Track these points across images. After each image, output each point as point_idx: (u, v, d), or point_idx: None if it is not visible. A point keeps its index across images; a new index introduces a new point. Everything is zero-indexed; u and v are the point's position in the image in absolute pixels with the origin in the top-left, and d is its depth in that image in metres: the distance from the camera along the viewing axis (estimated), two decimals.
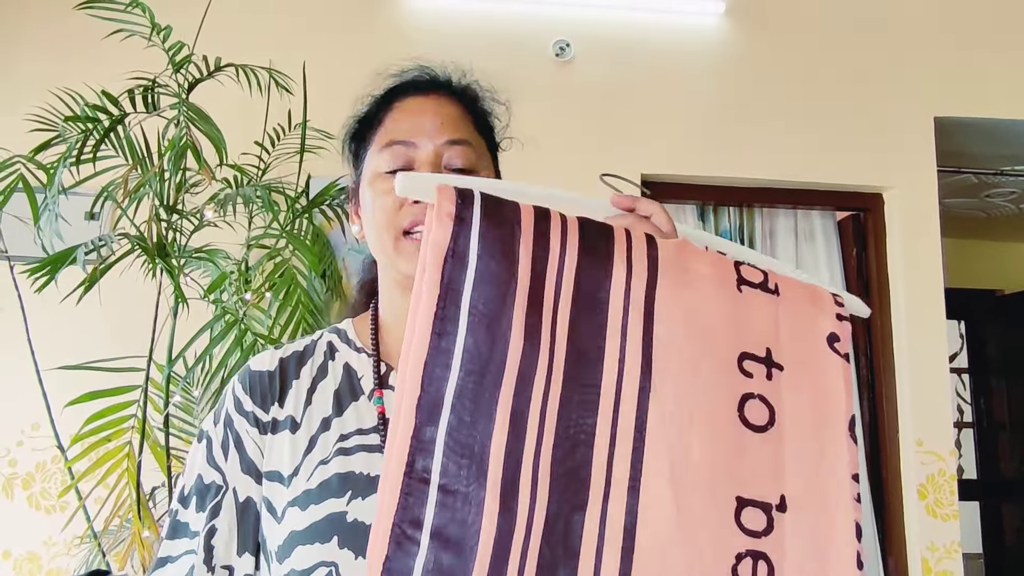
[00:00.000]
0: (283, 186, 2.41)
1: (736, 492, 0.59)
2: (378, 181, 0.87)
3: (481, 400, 0.57)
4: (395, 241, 0.85)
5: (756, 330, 0.64)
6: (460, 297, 0.59)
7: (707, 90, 2.92)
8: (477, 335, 0.58)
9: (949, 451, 2.81)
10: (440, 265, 0.60)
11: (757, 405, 0.62)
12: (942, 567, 2.73)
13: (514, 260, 0.60)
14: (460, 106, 0.92)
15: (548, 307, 0.60)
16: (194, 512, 0.85)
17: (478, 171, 0.88)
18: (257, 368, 0.89)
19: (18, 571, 2.50)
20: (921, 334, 2.86)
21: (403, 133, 0.88)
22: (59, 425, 2.22)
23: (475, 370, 0.58)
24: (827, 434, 0.63)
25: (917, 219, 2.93)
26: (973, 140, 3.21)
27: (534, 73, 2.84)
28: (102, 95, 2.06)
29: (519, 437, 0.57)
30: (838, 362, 0.65)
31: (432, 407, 0.57)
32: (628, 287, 0.62)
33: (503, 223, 0.61)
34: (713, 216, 3.05)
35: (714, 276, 0.64)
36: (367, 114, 0.95)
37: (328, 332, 0.95)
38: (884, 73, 2.99)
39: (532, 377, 0.58)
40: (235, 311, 2.09)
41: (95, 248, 2.01)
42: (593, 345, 0.60)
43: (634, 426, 0.59)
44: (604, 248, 0.62)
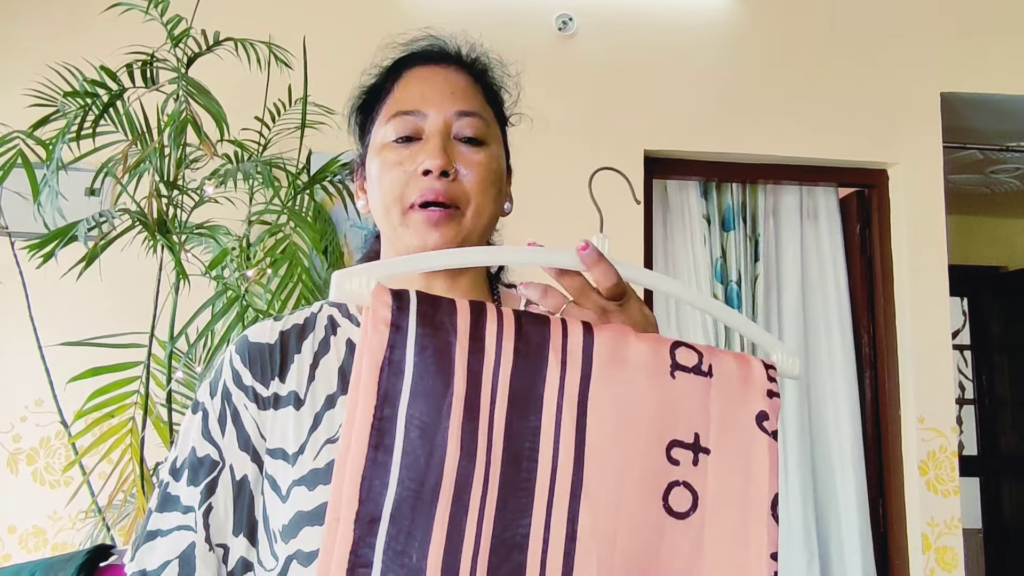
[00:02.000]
0: (284, 162, 2.40)
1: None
2: (386, 152, 0.85)
3: (419, 512, 0.59)
4: (403, 215, 0.83)
5: (686, 416, 0.65)
6: (397, 408, 0.60)
7: (711, 66, 2.90)
8: (414, 446, 0.59)
9: (950, 428, 2.81)
10: (376, 375, 0.60)
11: (681, 492, 0.64)
12: (942, 543, 2.75)
13: (450, 370, 0.61)
14: (469, 77, 0.90)
15: (484, 413, 0.61)
16: (185, 486, 0.82)
17: (488, 143, 0.87)
18: (256, 340, 0.86)
19: (23, 545, 2.52)
20: (924, 311, 2.86)
21: (412, 103, 0.85)
22: (62, 401, 2.23)
23: (413, 482, 0.59)
24: (750, 515, 0.65)
25: (922, 195, 2.91)
26: (979, 116, 3.19)
27: (536, 48, 2.81)
28: (100, 70, 2.04)
29: (456, 548, 0.59)
30: (765, 441, 0.66)
31: (370, 520, 0.58)
32: (562, 383, 0.63)
33: (439, 329, 0.62)
34: (716, 193, 3.03)
35: (648, 365, 0.65)
36: (374, 85, 0.93)
37: (328, 305, 0.91)
38: (890, 49, 2.96)
39: (469, 485, 0.60)
40: (236, 287, 2.09)
41: (96, 224, 2.00)
42: (527, 447, 0.62)
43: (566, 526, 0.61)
44: (539, 344, 0.64)
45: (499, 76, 0.95)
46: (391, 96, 0.88)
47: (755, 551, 0.64)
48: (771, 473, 0.66)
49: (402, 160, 0.84)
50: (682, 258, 3.02)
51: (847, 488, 2.97)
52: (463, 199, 0.84)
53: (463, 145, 0.85)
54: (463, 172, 0.84)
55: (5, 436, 2.56)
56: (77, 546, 2.36)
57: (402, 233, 0.84)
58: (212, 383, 0.86)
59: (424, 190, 0.82)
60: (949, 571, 2.74)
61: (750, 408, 0.67)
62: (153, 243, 2.09)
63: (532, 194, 2.95)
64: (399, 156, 0.84)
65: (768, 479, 0.66)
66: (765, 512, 0.65)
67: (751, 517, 0.65)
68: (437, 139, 0.83)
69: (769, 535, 0.64)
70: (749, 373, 0.68)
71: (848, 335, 3.06)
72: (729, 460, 0.66)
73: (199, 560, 0.80)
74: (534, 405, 0.63)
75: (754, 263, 3.04)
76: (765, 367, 0.69)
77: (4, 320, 2.49)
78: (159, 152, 2.08)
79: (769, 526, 0.65)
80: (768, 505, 0.65)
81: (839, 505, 2.97)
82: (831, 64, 2.93)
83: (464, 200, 0.84)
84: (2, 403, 2.57)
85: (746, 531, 0.64)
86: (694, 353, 0.67)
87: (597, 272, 0.71)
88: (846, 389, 3.02)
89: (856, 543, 2.92)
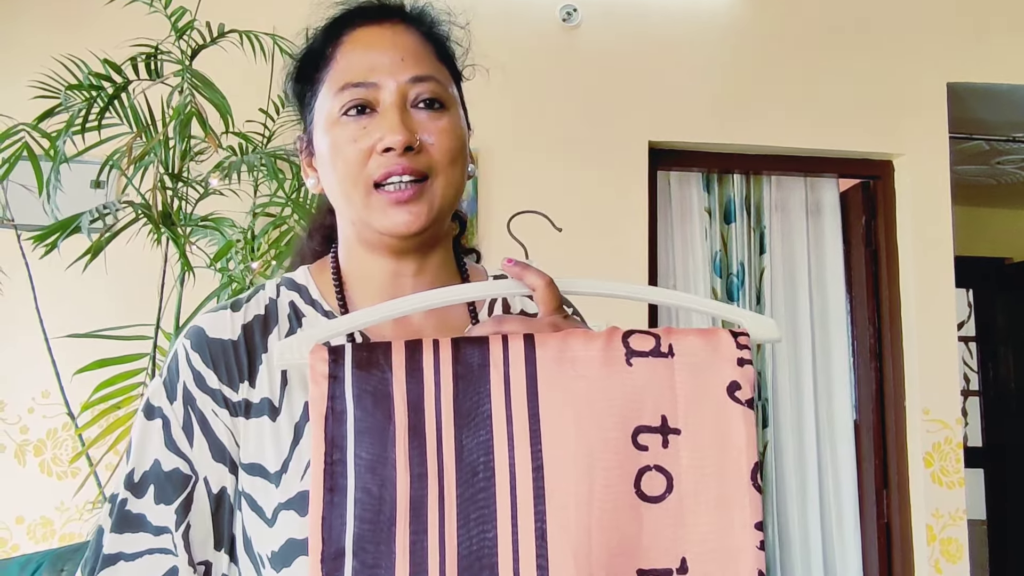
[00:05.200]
0: (288, 154, 2.40)
1: (636, 565, 0.63)
2: (337, 128, 0.77)
3: (380, 541, 0.62)
4: (365, 196, 0.76)
5: (650, 400, 0.65)
6: (345, 451, 0.64)
7: (715, 56, 2.89)
8: (364, 481, 0.63)
9: (956, 419, 2.81)
10: (322, 424, 0.64)
11: (654, 476, 0.64)
12: (947, 534, 2.75)
13: (389, 403, 0.64)
14: (418, 34, 0.81)
15: (431, 437, 0.64)
16: (153, 503, 0.74)
17: (447, 105, 0.79)
18: (216, 335, 0.78)
19: (31, 536, 2.53)
20: (929, 302, 2.85)
21: (360, 73, 0.77)
22: (69, 392, 2.24)
23: (369, 514, 0.62)
24: (729, 486, 0.65)
25: (928, 186, 2.90)
26: (985, 106, 3.17)
27: (540, 39, 2.80)
28: (105, 63, 2.05)
29: (420, 570, 0.61)
30: (739, 411, 0.66)
31: (335, 557, 0.62)
32: (508, 396, 0.65)
33: (374, 369, 0.65)
34: (718, 185, 3.02)
35: (600, 358, 0.65)
36: (311, 49, 0.84)
37: (285, 288, 0.83)
38: (896, 39, 2.94)
39: (424, 506, 0.63)
40: (241, 279, 2.09)
41: (100, 216, 2.00)
42: (481, 461, 0.64)
43: (534, 528, 0.62)
44: (479, 364, 0.66)
45: (447, 27, 0.86)
46: (334, 63, 0.80)
47: (739, 522, 0.64)
48: (748, 443, 0.65)
49: (356, 137, 0.76)
50: (681, 251, 3.01)
51: (846, 479, 2.97)
52: (431, 169, 0.77)
53: (422, 112, 0.77)
54: (428, 141, 0.77)
55: (12, 427, 2.58)
56: (84, 537, 2.37)
57: (366, 215, 0.77)
58: (167, 384, 0.77)
59: (388, 166, 0.75)
60: (954, 562, 2.74)
61: (720, 379, 0.66)
62: (158, 235, 2.10)
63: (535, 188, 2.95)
64: (352, 132, 0.76)
65: (746, 449, 0.65)
66: (745, 482, 0.65)
67: (731, 489, 0.65)
68: (394, 112, 0.75)
69: (752, 504, 0.64)
70: (716, 345, 0.67)
71: (843, 326, 3.06)
72: (702, 436, 0.65)
73: None
74: (482, 421, 0.65)
75: (759, 255, 3.03)
76: (734, 336, 0.68)
77: (11, 312, 2.50)
78: (164, 144, 2.08)
79: (751, 496, 0.65)
80: (748, 475, 0.65)
81: (841, 497, 2.97)
82: (836, 54, 2.92)
83: (432, 170, 0.77)
84: (9, 395, 2.59)
85: (728, 504, 0.64)
86: (650, 337, 0.67)
87: (529, 278, 0.72)
88: (842, 378, 3.02)
89: (852, 535, 2.93)
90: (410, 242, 0.79)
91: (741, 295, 2.98)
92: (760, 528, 0.64)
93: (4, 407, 2.58)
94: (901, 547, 2.82)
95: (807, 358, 3.00)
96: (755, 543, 0.64)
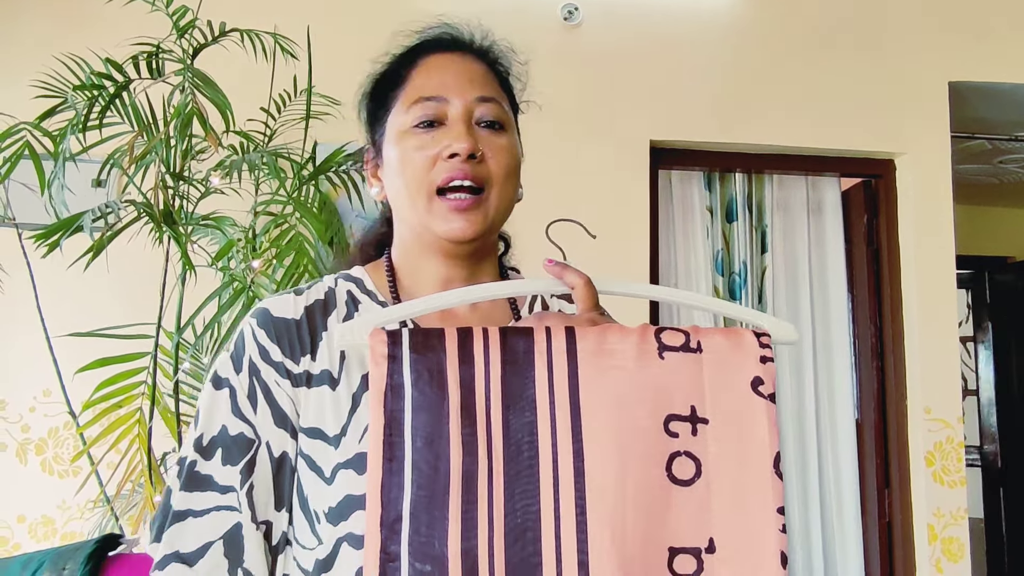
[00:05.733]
0: (289, 152, 2.40)
1: (668, 544, 0.68)
2: (408, 137, 0.86)
3: (434, 509, 0.67)
4: (428, 201, 0.85)
5: (680, 391, 0.71)
6: (403, 424, 0.69)
7: (717, 55, 2.89)
8: (422, 454, 0.68)
9: (957, 418, 2.81)
10: (381, 400, 0.70)
11: (684, 461, 0.70)
12: (948, 533, 2.75)
13: (444, 383, 0.70)
14: (484, 64, 0.92)
15: (481, 416, 0.70)
16: (220, 464, 0.81)
17: (506, 127, 0.89)
18: (280, 315, 0.86)
19: (33, 534, 2.54)
20: (931, 301, 2.85)
21: (433, 89, 0.87)
22: (70, 391, 2.24)
23: (424, 484, 0.68)
24: (753, 474, 0.70)
25: (929, 185, 2.90)
26: (987, 105, 3.17)
27: (542, 37, 2.80)
28: (106, 62, 2.05)
29: (472, 535, 0.67)
30: (762, 404, 0.71)
31: (393, 523, 0.67)
32: (551, 381, 0.71)
33: (430, 351, 0.71)
34: (719, 184, 3.02)
35: (635, 351, 0.71)
36: (387, 71, 0.94)
37: (342, 280, 0.92)
38: (898, 38, 2.94)
39: (475, 479, 0.68)
40: (243, 278, 2.09)
41: (102, 215, 2.00)
42: (526, 440, 0.70)
43: (575, 503, 0.68)
44: (524, 353, 0.72)
45: (510, 64, 0.97)
46: (409, 83, 0.89)
47: (761, 506, 0.69)
48: (771, 433, 0.71)
49: (424, 145, 0.85)
50: (682, 250, 3.01)
51: (847, 478, 2.97)
52: (489, 181, 0.86)
53: (485, 130, 0.87)
54: (488, 155, 0.86)
55: (14, 426, 2.58)
56: (86, 536, 2.38)
57: (427, 220, 0.85)
58: (235, 358, 0.85)
59: (452, 171, 0.83)
60: (955, 561, 2.74)
61: (744, 375, 0.72)
62: (159, 234, 2.10)
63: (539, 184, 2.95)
64: (421, 141, 0.85)
65: (768, 439, 0.71)
66: (768, 470, 0.70)
67: (755, 475, 0.70)
68: (461, 124, 0.85)
69: (774, 490, 0.70)
70: (740, 343, 0.73)
71: (844, 325, 3.07)
72: (728, 426, 0.71)
73: (248, 540, 0.80)
74: (527, 403, 0.70)
75: (761, 254, 3.03)
76: (757, 336, 0.74)
77: (12, 311, 2.50)
78: (165, 143, 2.08)
79: (773, 482, 0.70)
80: (770, 463, 0.70)
81: (842, 496, 2.97)
82: (838, 53, 2.91)
83: (489, 182, 0.86)
84: (11, 394, 2.59)
85: (751, 489, 0.70)
86: (680, 334, 0.73)
87: (569, 276, 0.79)
88: (843, 377, 3.03)
89: (854, 534, 2.93)
90: (464, 248, 0.87)
91: (743, 294, 2.97)
92: (782, 512, 0.69)
93: (5, 406, 2.59)
94: (902, 546, 2.82)
95: (808, 357, 3.00)
96: (778, 526, 0.69)
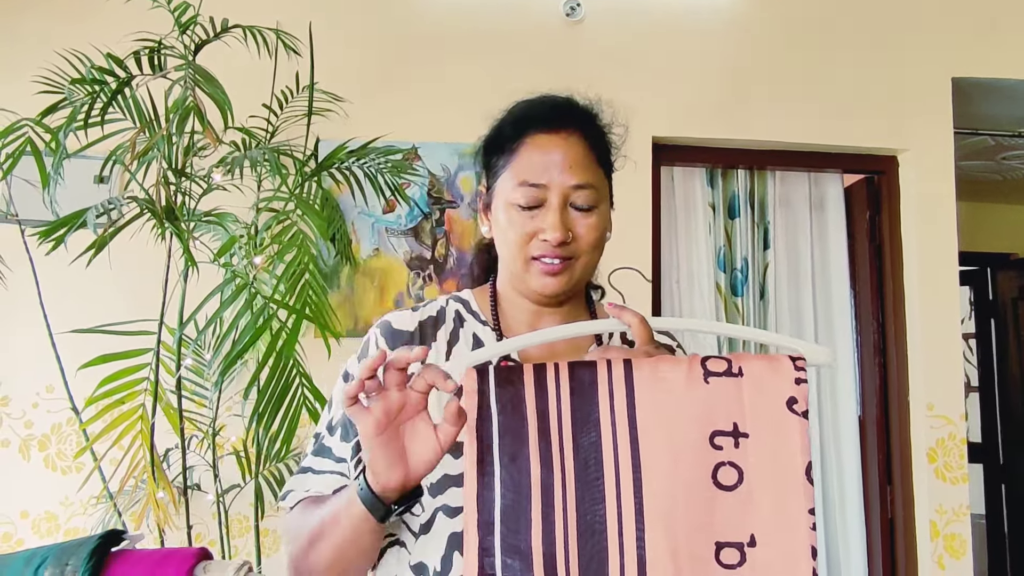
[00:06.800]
0: (291, 149, 2.40)
1: (715, 539, 0.81)
2: (512, 212, 1.02)
3: (520, 514, 0.82)
4: (525, 265, 1.03)
5: (723, 410, 0.83)
6: (492, 446, 0.84)
7: (719, 51, 2.88)
8: (508, 470, 0.83)
9: (959, 415, 2.81)
10: (475, 426, 0.84)
11: (728, 470, 0.82)
12: (950, 530, 2.75)
13: (523, 410, 0.84)
14: (585, 143, 1.04)
15: (555, 436, 0.84)
16: (339, 440, 1.04)
17: (597, 207, 1.03)
18: (399, 327, 1.07)
19: (36, 530, 2.54)
20: (934, 298, 2.85)
21: (535, 175, 1.01)
22: (73, 388, 2.25)
23: (511, 493, 0.82)
24: (788, 480, 0.81)
25: (932, 182, 2.90)
26: (990, 101, 3.16)
27: (544, 33, 2.80)
28: (108, 57, 2.04)
29: (551, 534, 0.81)
30: (796, 420, 0.82)
31: (487, 525, 0.82)
32: (612, 407, 0.84)
33: (510, 385, 0.85)
34: (722, 180, 3.02)
35: (684, 378, 0.84)
36: (499, 137, 1.07)
37: (452, 300, 1.12)
38: (901, 33, 2.93)
39: (552, 489, 0.82)
40: (245, 275, 2.09)
41: (105, 211, 2.00)
42: (592, 456, 0.83)
43: (634, 507, 0.81)
44: (590, 382, 0.85)
45: (612, 135, 1.11)
46: (517, 157, 1.03)
47: (794, 507, 0.80)
48: (803, 445, 0.82)
49: (525, 223, 1.01)
50: (685, 246, 3.01)
51: (849, 475, 2.97)
52: (576, 254, 1.02)
53: (577, 212, 1.02)
54: (577, 234, 1.02)
55: (17, 422, 2.58)
56: (89, 531, 2.38)
57: (523, 276, 1.04)
58: (360, 357, 1.08)
59: (544, 251, 1.01)
60: (957, 558, 2.74)
61: (781, 395, 0.83)
62: (161, 231, 2.10)
63: None
64: (523, 219, 1.01)
65: (800, 450, 0.82)
66: (801, 477, 0.81)
67: (789, 482, 0.81)
68: (555, 213, 1.00)
69: (805, 494, 0.81)
70: (777, 367, 0.84)
71: (847, 322, 3.06)
72: (766, 439, 0.82)
73: None
74: (593, 424, 0.84)
75: (763, 251, 3.03)
76: (793, 360, 0.84)
77: (15, 308, 2.51)
78: (167, 140, 2.08)
79: (805, 487, 0.81)
80: (803, 471, 0.81)
81: (845, 492, 2.97)
82: (840, 49, 2.91)
83: (576, 254, 1.02)
84: (14, 390, 2.59)
85: (786, 493, 0.81)
86: (723, 361, 0.85)
87: (626, 316, 0.92)
88: (846, 374, 3.03)
89: (856, 530, 2.93)
90: (551, 300, 1.06)
91: (745, 290, 2.97)
92: (812, 513, 0.80)
93: (9, 402, 2.59)
94: (905, 543, 2.82)
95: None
96: (808, 524, 0.80)
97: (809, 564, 0.80)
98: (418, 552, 1.00)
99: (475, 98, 0.96)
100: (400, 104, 2.70)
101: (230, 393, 2.41)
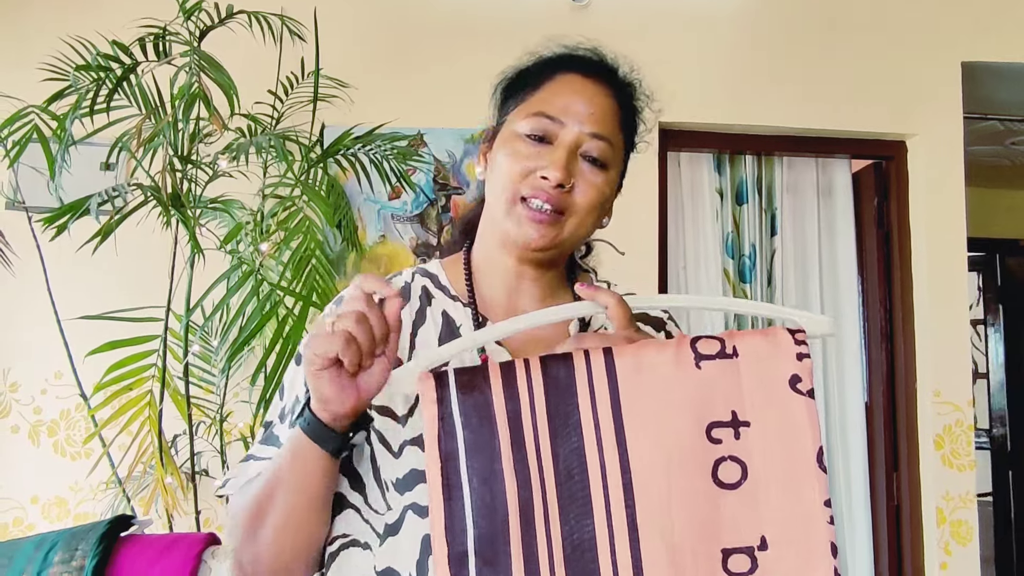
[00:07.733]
0: (297, 135, 2.40)
1: (721, 546, 0.71)
2: (516, 142, 0.91)
3: (496, 540, 0.71)
4: (509, 204, 0.90)
5: (720, 397, 0.73)
6: (458, 464, 0.72)
7: (727, 36, 2.86)
8: (479, 492, 0.72)
9: (967, 401, 2.80)
10: (436, 443, 0.73)
11: (729, 465, 0.72)
12: (957, 516, 2.75)
13: (492, 418, 0.73)
14: (615, 102, 0.94)
15: (530, 446, 0.73)
16: (287, 429, 0.91)
17: (609, 167, 0.92)
18: None
19: (46, 515, 2.56)
20: (942, 284, 2.83)
21: (554, 109, 0.90)
22: (81, 374, 2.26)
23: (485, 519, 0.71)
24: (798, 470, 0.71)
25: (941, 167, 2.88)
26: (1000, 86, 3.13)
27: (550, 19, 2.78)
28: (113, 44, 2.04)
29: (534, 561, 0.71)
30: (801, 401, 0.72)
31: (460, 557, 0.71)
32: (594, 405, 0.73)
33: (475, 390, 0.73)
34: (729, 165, 3.00)
35: (672, 365, 0.73)
36: (528, 70, 0.97)
37: (419, 275, 0.98)
38: (910, 17, 2.91)
39: (531, 508, 0.72)
40: (251, 261, 2.10)
41: (109, 199, 2.01)
42: (576, 465, 0.73)
43: (626, 519, 0.71)
44: (565, 379, 0.74)
45: (643, 105, 1.01)
46: (539, 91, 0.93)
47: (809, 500, 0.71)
48: (811, 429, 0.72)
49: (528, 156, 0.89)
50: (692, 232, 3.00)
51: (856, 461, 2.97)
52: (569, 209, 0.90)
53: (586, 163, 0.90)
54: (578, 187, 0.90)
55: (26, 408, 2.60)
56: (98, 516, 2.40)
57: (502, 220, 0.91)
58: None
59: (537, 190, 0.88)
60: (964, 544, 2.74)
61: (782, 374, 0.73)
62: (168, 218, 2.10)
63: None
64: (527, 151, 0.89)
65: (809, 434, 0.72)
66: (812, 464, 0.71)
67: (800, 471, 0.71)
68: (564, 152, 0.89)
69: (819, 484, 0.71)
70: (775, 343, 0.74)
71: (854, 308, 3.05)
72: (770, 426, 0.72)
73: None
74: (573, 430, 0.73)
75: (771, 237, 3.02)
76: (792, 333, 0.74)
77: (23, 294, 2.52)
78: (173, 126, 2.08)
79: (818, 476, 0.71)
80: (814, 458, 0.71)
81: (851, 478, 2.97)
82: (849, 34, 2.88)
83: (570, 210, 0.90)
84: (23, 376, 2.61)
85: (798, 484, 0.71)
86: (715, 341, 0.74)
87: (601, 297, 0.80)
88: (853, 360, 3.02)
89: (863, 517, 2.93)
90: (531, 255, 0.92)
91: (752, 276, 2.96)
92: (828, 505, 0.71)
93: (18, 388, 2.61)
94: (911, 529, 2.82)
95: (818, 340, 2.98)
96: (825, 518, 0.70)
97: (830, 563, 0.69)
98: (386, 556, 0.87)
99: (481, 84, 0.93)
100: (405, 90, 2.69)
101: (237, 379, 2.42)
